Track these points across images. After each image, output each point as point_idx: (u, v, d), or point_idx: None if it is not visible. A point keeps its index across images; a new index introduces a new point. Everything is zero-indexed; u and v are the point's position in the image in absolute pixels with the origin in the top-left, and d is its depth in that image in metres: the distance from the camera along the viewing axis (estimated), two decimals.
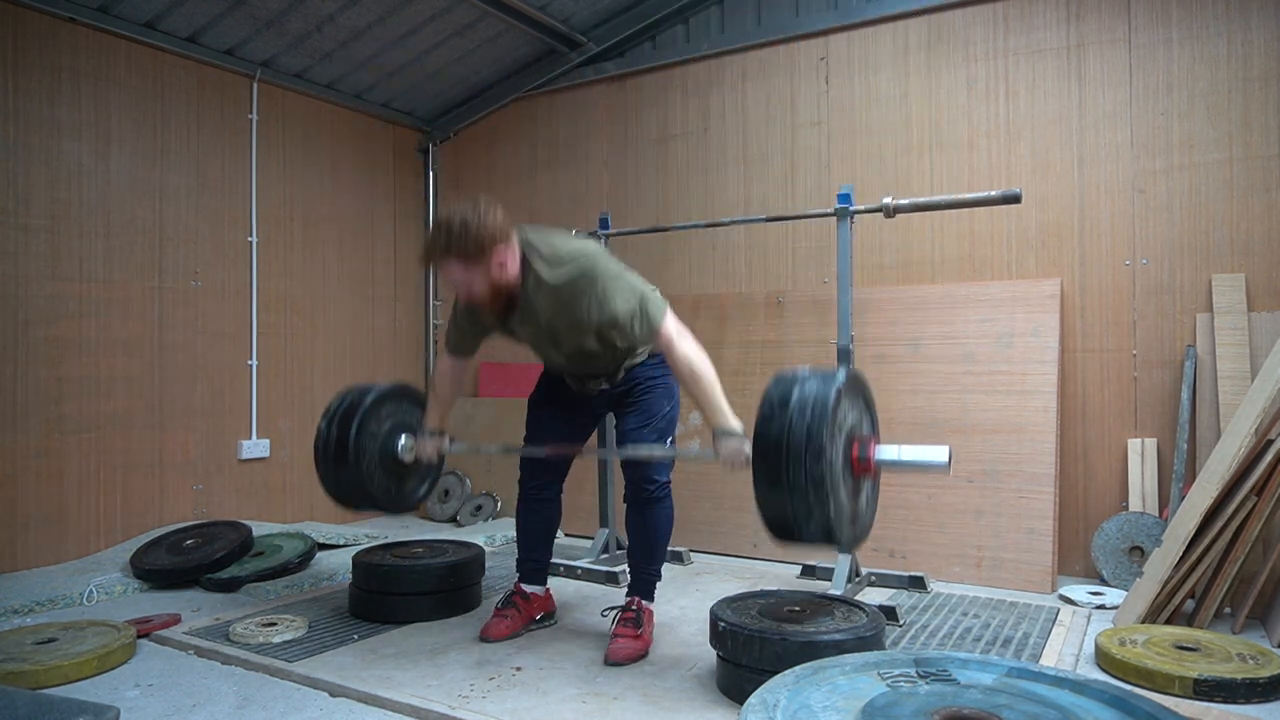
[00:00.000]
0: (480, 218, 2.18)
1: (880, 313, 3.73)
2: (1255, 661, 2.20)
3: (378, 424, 2.74)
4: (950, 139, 3.71)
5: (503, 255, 2.24)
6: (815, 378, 1.98)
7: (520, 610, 2.65)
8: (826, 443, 1.86)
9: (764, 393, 2.01)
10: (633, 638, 2.44)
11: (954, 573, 3.30)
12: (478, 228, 2.17)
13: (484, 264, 2.22)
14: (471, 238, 2.17)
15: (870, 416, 2.21)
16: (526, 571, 2.73)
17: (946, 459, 1.93)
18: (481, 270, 2.23)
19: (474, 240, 2.17)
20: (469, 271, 2.23)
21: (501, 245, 2.22)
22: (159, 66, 3.85)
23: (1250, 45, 3.17)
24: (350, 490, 2.68)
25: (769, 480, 1.93)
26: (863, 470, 2.03)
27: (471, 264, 2.21)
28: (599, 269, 2.26)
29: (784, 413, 1.93)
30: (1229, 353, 3.10)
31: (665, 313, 2.27)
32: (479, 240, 2.17)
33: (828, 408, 1.89)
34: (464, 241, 2.17)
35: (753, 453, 1.96)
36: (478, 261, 2.21)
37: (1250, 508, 2.60)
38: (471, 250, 2.18)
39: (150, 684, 2.26)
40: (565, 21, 4.36)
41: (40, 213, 3.44)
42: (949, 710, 1.43)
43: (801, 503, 1.89)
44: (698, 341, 2.27)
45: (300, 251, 4.46)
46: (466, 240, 2.17)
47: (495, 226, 2.20)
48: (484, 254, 2.20)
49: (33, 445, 3.40)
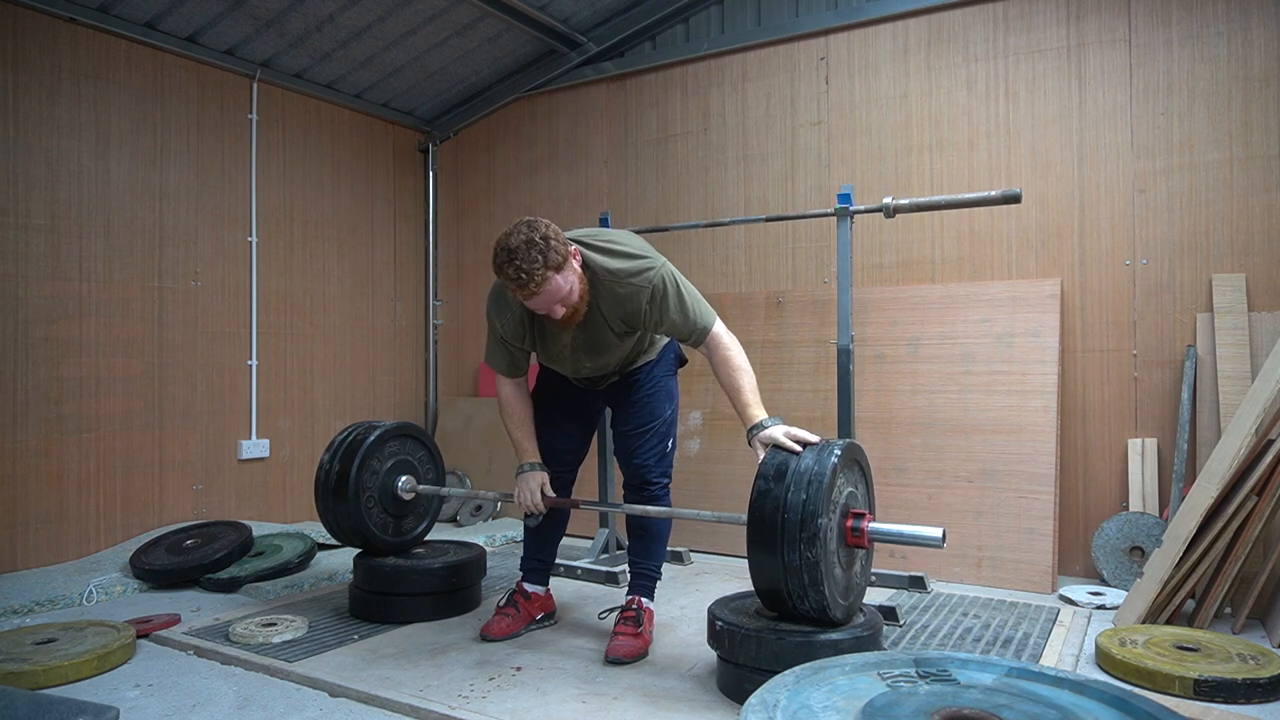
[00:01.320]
0: (546, 228, 2.15)
1: (880, 313, 3.73)
2: (1255, 662, 2.20)
3: (379, 462, 2.84)
4: (950, 139, 3.71)
5: (577, 258, 2.24)
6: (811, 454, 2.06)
7: (521, 609, 2.66)
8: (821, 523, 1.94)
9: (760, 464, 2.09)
10: (632, 636, 2.45)
11: (954, 573, 3.30)
12: (555, 236, 2.14)
13: (570, 269, 2.20)
14: (552, 248, 2.12)
15: (866, 485, 2.27)
16: (530, 570, 2.74)
17: (940, 536, 2.00)
18: (569, 272, 2.19)
19: (555, 250, 2.13)
20: (567, 279, 2.18)
21: (571, 246, 2.22)
22: (159, 66, 3.85)
23: (1250, 45, 3.17)
24: (346, 525, 2.80)
25: (763, 551, 2.01)
26: (856, 543, 2.11)
27: (566, 271, 2.18)
28: (657, 266, 2.29)
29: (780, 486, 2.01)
30: (1229, 353, 3.10)
31: (715, 318, 2.36)
32: (560, 249, 2.14)
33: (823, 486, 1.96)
34: (555, 249, 2.12)
35: (747, 525, 2.04)
36: (564, 268, 2.17)
37: (1251, 508, 2.60)
38: (562, 255, 2.14)
39: (150, 684, 2.26)
40: (565, 21, 4.36)
41: (40, 213, 3.44)
42: (949, 710, 1.43)
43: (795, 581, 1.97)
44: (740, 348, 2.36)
45: (300, 251, 4.46)
46: (556, 247, 2.13)
47: (557, 230, 2.18)
48: (569, 260, 2.18)
49: (33, 445, 3.40)
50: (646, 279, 2.27)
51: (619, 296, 2.29)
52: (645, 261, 2.30)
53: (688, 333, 2.33)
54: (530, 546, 2.75)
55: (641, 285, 2.27)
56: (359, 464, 2.77)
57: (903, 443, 3.52)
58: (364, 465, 2.79)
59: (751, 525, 2.02)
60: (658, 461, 2.57)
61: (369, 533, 2.83)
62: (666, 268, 2.31)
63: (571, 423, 2.69)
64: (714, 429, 4.01)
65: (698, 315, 2.32)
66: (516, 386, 2.61)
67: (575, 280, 2.22)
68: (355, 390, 4.74)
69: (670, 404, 2.60)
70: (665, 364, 2.63)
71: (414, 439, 3.02)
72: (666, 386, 2.59)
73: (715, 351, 2.33)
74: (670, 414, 2.60)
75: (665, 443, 2.57)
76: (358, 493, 2.77)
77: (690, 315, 2.31)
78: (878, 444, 3.55)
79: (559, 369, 2.57)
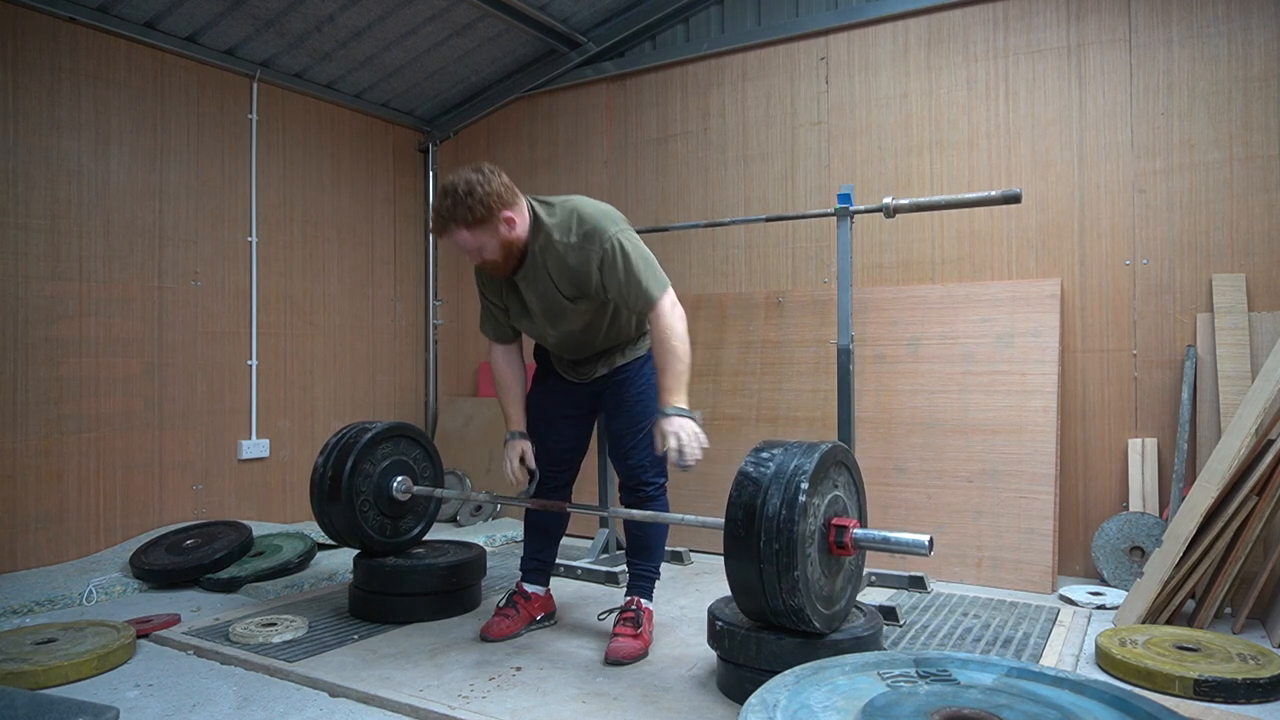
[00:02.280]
0: (486, 183, 2.22)
1: (880, 313, 3.73)
2: (1255, 662, 2.20)
3: (373, 464, 2.85)
4: (950, 139, 3.71)
5: (510, 217, 2.27)
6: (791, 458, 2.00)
7: (521, 610, 2.66)
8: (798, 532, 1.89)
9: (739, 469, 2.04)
10: (632, 636, 2.45)
11: (954, 573, 3.30)
12: (484, 193, 2.22)
13: (492, 226, 2.26)
14: (478, 202, 2.21)
15: (856, 489, 2.22)
16: (530, 571, 2.74)
17: (927, 544, 1.94)
18: (489, 232, 2.27)
19: (481, 204, 2.21)
20: (477, 237, 2.27)
21: (507, 209, 2.26)
22: (159, 66, 3.85)
23: (1250, 45, 3.17)
24: (341, 527, 2.81)
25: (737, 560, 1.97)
26: (840, 553, 2.05)
27: (479, 229, 2.25)
28: (611, 231, 2.28)
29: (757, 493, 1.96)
30: (1229, 353, 3.10)
31: (666, 288, 2.31)
32: (486, 204, 2.21)
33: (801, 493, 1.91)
34: (470, 207, 2.21)
35: (724, 533, 1.99)
36: (485, 225, 2.25)
37: (1251, 508, 2.60)
38: (479, 215, 2.22)
39: (150, 684, 2.26)
40: (565, 21, 4.36)
41: (40, 213, 3.44)
42: (949, 710, 1.43)
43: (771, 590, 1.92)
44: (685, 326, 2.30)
45: (300, 251, 4.46)
46: (473, 205, 2.21)
47: (500, 189, 2.24)
48: (491, 217, 2.24)
49: (33, 445, 3.40)
50: (598, 244, 2.27)
51: (567, 261, 2.32)
52: (599, 226, 2.29)
53: (632, 302, 2.30)
54: (530, 546, 2.75)
55: (592, 250, 2.28)
56: (351, 466, 2.77)
57: (903, 443, 3.52)
58: (356, 468, 2.79)
59: (726, 533, 1.98)
60: (652, 462, 2.54)
61: (364, 534, 2.84)
62: (624, 234, 2.30)
63: (565, 420, 2.68)
64: (714, 429, 4.01)
65: (645, 285, 2.27)
66: (505, 353, 2.63)
67: (494, 241, 2.28)
68: (355, 390, 4.74)
69: (651, 404, 2.51)
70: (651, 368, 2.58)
71: (409, 439, 3.01)
72: (651, 388, 2.54)
73: (653, 325, 2.29)
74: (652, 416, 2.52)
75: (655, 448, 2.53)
76: (351, 495, 2.77)
77: (636, 283, 2.27)
78: (878, 444, 3.55)
79: (533, 334, 2.58)
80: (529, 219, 2.34)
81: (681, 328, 2.27)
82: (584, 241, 2.29)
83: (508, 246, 2.32)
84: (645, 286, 2.28)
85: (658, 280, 2.30)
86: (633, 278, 2.27)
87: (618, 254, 2.27)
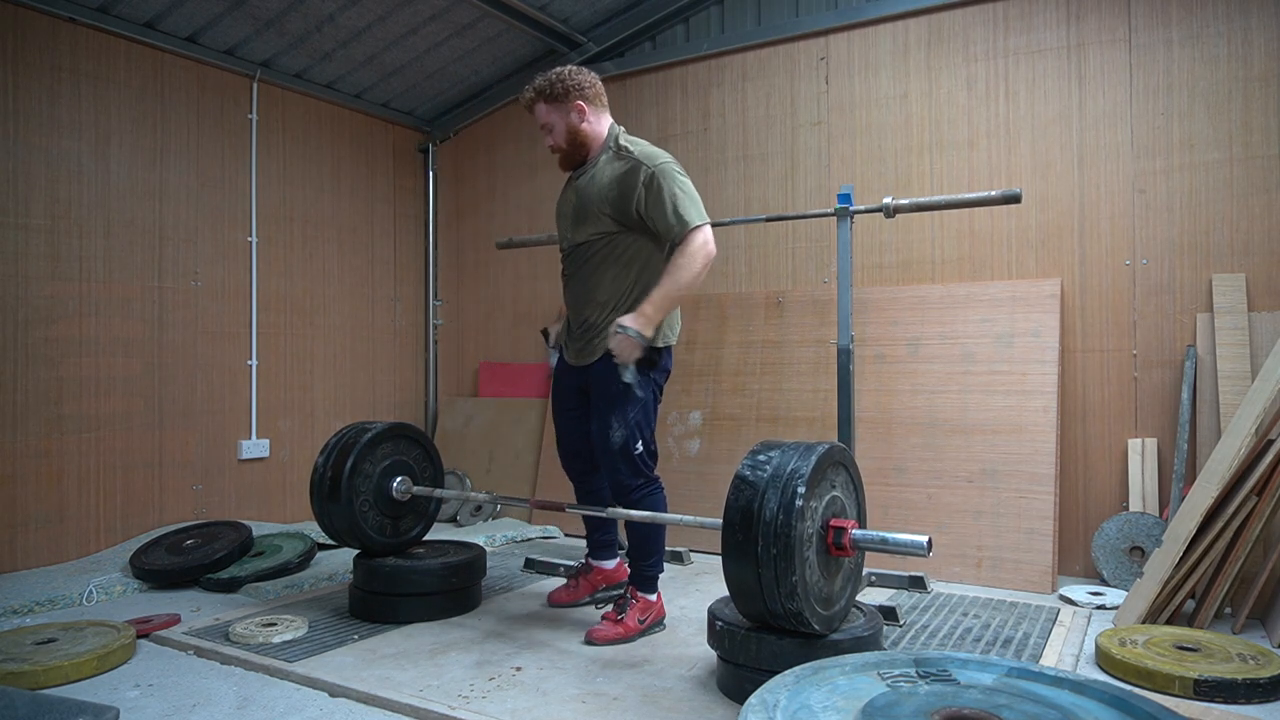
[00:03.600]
0: (571, 73, 2.58)
1: (880, 313, 3.73)
2: (1255, 662, 2.20)
3: (372, 464, 2.86)
4: (950, 139, 3.71)
5: (582, 107, 2.57)
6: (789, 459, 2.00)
7: (581, 582, 2.93)
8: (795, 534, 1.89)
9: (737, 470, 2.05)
10: (613, 622, 2.56)
11: (954, 573, 3.30)
12: (566, 76, 2.56)
13: (564, 108, 2.57)
14: (559, 81, 2.55)
15: (855, 488, 2.22)
16: (592, 547, 2.97)
17: (925, 544, 1.94)
18: (561, 113, 2.58)
19: (560, 84, 2.55)
20: (550, 113, 2.59)
21: (582, 101, 2.57)
22: (159, 66, 3.85)
23: (1250, 45, 3.17)
24: (341, 527, 2.83)
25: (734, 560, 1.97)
26: (839, 554, 2.05)
27: (554, 105, 2.58)
28: (663, 160, 2.50)
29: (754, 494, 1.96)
30: (1229, 353, 3.10)
31: (705, 222, 2.46)
32: (564, 85, 2.55)
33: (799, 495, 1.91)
34: (552, 84, 2.56)
35: (721, 534, 2.01)
36: (559, 104, 2.57)
37: (1251, 508, 2.60)
38: (557, 93, 2.56)
39: (150, 684, 2.26)
40: (565, 21, 4.36)
41: (40, 213, 3.44)
42: (949, 710, 1.43)
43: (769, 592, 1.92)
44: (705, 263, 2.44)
45: (300, 251, 4.46)
46: (555, 83, 2.56)
47: (582, 82, 2.58)
48: (567, 98, 2.56)
49: (33, 445, 3.40)
50: (650, 164, 2.49)
51: (620, 171, 2.53)
52: (655, 153, 2.53)
53: (670, 222, 2.45)
54: (586, 529, 2.98)
55: (644, 164, 2.49)
56: (351, 467, 2.78)
57: (903, 443, 3.52)
58: (356, 468, 2.80)
59: (724, 537, 1.98)
60: (629, 468, 2.55)
61: (364, 534, 2.84)
62: (676, 167, 2.50)
63: (567, 414, 2.80)
64: (714, 429, 4.01)
65: (684, 210, 2.44)
66: None
67: (563, 124, 2.58)
68: (355, 390, 4.74)
69: (635, 405, 2.54)
70: (655, 371, 2.59)
71: (409, 439, 3.02)
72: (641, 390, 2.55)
73: (679, 250, 2.44)
74: (635, 415, 2.54)
75: (634, 445, 2.54)
76: (351, 495, 2.78)
77: (676, 207, 2.44)
78: (878, 444, 3.55)
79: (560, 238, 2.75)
80: (604, 131, 2.63)
81: (699, 265, 2.42)
82: (641, 159, 2.51)
83: (573, 135, 2.59)
84: (683, 211, 2.44)
85: (698, 211, 2.47)
86: (675, 200, 2.44)
87: (664, 177, 2.46)
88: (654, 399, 2.60)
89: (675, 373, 4.16)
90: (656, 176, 2.46)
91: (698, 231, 2.43)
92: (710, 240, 2.44)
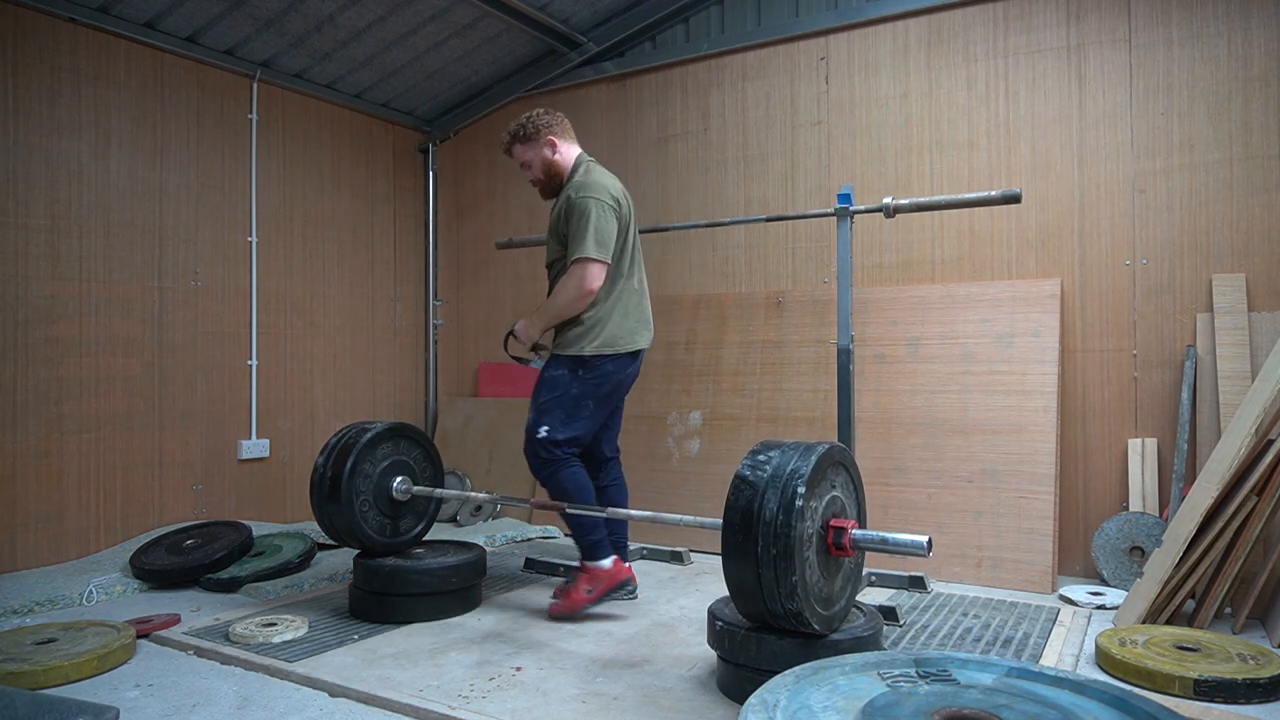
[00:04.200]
0: (539, 114, 2.95)
1: (880, 313, 3.73)
2: (1255, 662, 2.20)
3: (372, 464, 2.87)
4: (950, 139, 3.71)
5: (553, 142, 2.93)
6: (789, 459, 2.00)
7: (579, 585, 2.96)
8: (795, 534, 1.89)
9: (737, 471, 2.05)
10: (562, 595, 2.82)
11: (954, 573, 3.30)
12: (536, 118, 2.93)
13: (538, 145, 2.93)
14: (530, 124, 2.93)
15: (854, 488, 2.22)
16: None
17: (925, 544, 1.95)
18: (535, 149, 2.94)
19: (531, 125, 2.92)
20: (526, 151, 2.95)
21: (552, 136, 2.93)
22: (159, 66, 3.85)
23: (1250, 45, 3.17)
24: (341, 527, 2.83)
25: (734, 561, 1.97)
26: (839, 554, 2.05)
27: (528, 144, 2.94)
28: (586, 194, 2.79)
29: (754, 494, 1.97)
30: (1229, 353, 3.10)
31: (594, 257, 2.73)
32: (535, 126, 2.92)
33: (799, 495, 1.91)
34: (524, 126, 2.94)
35: (721, 534, 2.02)
36: (532, 142, 2.93)
37: (1251, 508, 2.60)
38: (529, 133, 2.93)
39: (150, 684, 2.26)
40: (565, 21, 4.36)
41: (40, 213, 3.44)
42: (949, 710, 1.43)
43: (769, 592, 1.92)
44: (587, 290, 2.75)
45: (300, 251, 4.46)
46: (526, 125, 2.93)
47: (550, 121, 2.94)
48: (539, 136, 2.92)
49: (33, 445, 3.40)
50: (575, 193, 2.81)
51: (564, 200, 2.86)
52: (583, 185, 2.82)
53: (570, 250, 2.78)
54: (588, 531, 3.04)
55: (571, 195, 2.82)
56: (351, 467, 2.79)
57: (903, 443, 3.52)
58: (356, 468, 2.81)
59: (724, 538, 1.98)
60: (530, 448, 2.82)
61: (364, 534, 2.85)
62: (596, 202, 2.77)
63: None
64: (714, 429, 4.01)
65: (580, 241, 2.74)
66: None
67: (539, 159, 2.94)
68: (355, 390, 4.74)
69: (548, 392, 2.83)
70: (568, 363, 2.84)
71: (409, 439, 3.03)
72: (552, 377, 2.84)
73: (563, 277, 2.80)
74: (544, 400, 2.83)
75: (537, 427, 2.80)
76: (351, 495, 2.79)
77: (575, 237, 2.76)
78: (877, 444, 3.55)
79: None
80: (572, 160, 2.96)
81: (572, 294, 2.76)
82: (570, 190, 2.85)
83: (548, 167, 2.94)
84: (577, 242, 2.75)
85: (591, 245, 2.73)
86: (577, 231, 2.76)
87: (578, 207, 2.77)
88: (574, 396, 2.82)
89: (675, 373, 4.17)
90: (575, 206, 2.78)
91: (579, 264, 2.74)
92: (590, 275, 2.74)
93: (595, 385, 2.84)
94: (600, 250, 2.74)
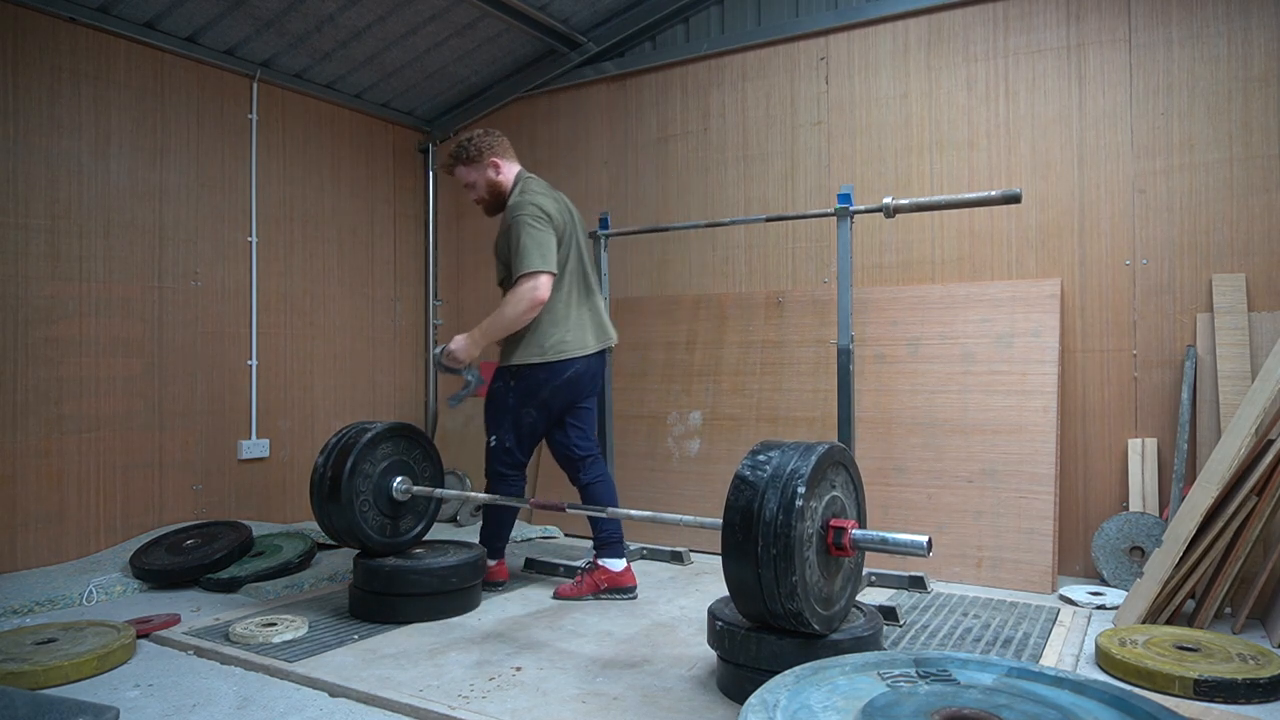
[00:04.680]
0: (481, 135, 3.04)
1: (880, 313, 3.73)
2: (1256, 662, 2.20)
3: (372, 464, 2.87)
4: (950, 139, 3.71)
5: (496, 163, 3.03)
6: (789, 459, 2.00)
7: (585, 580, 3.07)
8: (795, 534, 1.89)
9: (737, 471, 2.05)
10: (574, 581, 3.07)
11: (954, 573, 3.30)
12: (478, 139, 3.03)
13: (481, 167, 3.03)
14: (473, 145, 3.02)
15: (855, 488, 2.22)
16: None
17: (925, 544, 1.94)
18: (479, 171, 3.04)
19: (474, 147, 3.02)
20: (470, 173, 3.05)
21: (495, 157, 3.03)
22: (159, 66, 3.85)
23: (1250, 45, 3.17)
24: (341, 527, 2.83)
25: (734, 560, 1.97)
26: (839, 554, 2.05)
27: (471, 166, 3.04)
28: (521, 211, 2.88)
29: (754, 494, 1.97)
30: (1229, 353, 3.10)
31: (538, 272, 2.81)
32: (478, 148, 3.02)
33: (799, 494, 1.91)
34: (466, 148, 3.03)
35: (721, 534, 2.02)
36: (476, 164, 3.03)
37: (1251, 508, 2.60)
38: (472, 155, 3.02)
39: (150, 684, 2.26)
40: (565, 21, 4.36)
41: (40, 213, 3.44)
42: (949, 710, 1.43)
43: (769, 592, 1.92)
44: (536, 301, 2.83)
45: (300, 251, 4.46)
46: (469, 148, 3.02)
47: (492, 142, 3.04)
48: (481, 158, 3.02)
49: (33, 445, 3.40)
50: (511, 212, 2.92)
51: (505, 220, 2.96)
52: (518, 203, 2.90)
53: (514, 267, 2.86)
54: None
55: (509, 213, 2.93)
56: (351, 467, 2.79)
57: (903, 443, 3.52)
58: (356, 468, 2.81)
59: (724, 538, 1.98)
60: (487, 457, 3.07)
61: (364, 534, 2.85)
62: (529, 213, 2.85)
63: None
64: (714, 429, 4.01)
65: (523, 257, 2.82)
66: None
67: (482, 180, 3.04)
68: (355, 390, 4.74)
69: (491, 405, 3.07)
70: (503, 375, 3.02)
71: (409, 439, 3.03)
72: (492, 390, 3.05)
73: (509, 291, 2.87)
74: (492, 414, 3.06)
75: (489, 438, 3.06)
76: (351, 495, 2.79)
77: (519, 253, 2.83)
78: (877, 444, 3.55)
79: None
80: (513, 178, 3.04)
81: (523, 307, 2.82)
82: (507, 209, 2.95)
83: (493, 187, 3.04)
84: (521, 257, 2.83)
85: (535, 259, 2.81)
86: (519, 246, 2.84)
87: (516, 225, 2.86)
88: (511, 405, 2.99)
89: (675, 373, 4.17)
90: (513, 224, 2.87)
91: (526, 277, 2.81)
92: (539, 287, 2.81)
93: (529, 394, 2.98)
94: (544, 261, 2.82)
